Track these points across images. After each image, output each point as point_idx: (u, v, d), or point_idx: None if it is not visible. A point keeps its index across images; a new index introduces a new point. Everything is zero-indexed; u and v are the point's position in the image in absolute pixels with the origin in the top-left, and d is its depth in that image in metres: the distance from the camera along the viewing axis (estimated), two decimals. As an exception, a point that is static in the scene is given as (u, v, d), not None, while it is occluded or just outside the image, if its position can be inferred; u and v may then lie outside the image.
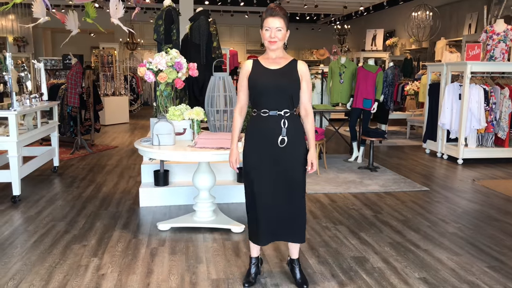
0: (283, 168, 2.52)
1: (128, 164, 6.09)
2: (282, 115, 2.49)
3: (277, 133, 2.49)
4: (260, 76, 2.50)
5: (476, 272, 2.93)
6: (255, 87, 2.51)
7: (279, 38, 2.45)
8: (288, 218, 2.58)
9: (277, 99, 2.49)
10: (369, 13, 14.54)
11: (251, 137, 2.56)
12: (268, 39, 2.46)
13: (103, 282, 2.75)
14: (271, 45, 2.47)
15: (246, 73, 2.55)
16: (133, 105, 12.99)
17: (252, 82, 2.52)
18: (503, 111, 6.20)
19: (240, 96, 2.60)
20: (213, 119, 3.97)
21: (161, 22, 5.16)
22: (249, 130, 2.58)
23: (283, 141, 2.49)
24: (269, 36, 2.45)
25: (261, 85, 2.49)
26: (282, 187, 2.54)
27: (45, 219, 3.88)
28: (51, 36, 17.21)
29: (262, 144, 2.52)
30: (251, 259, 2.78)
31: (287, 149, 2.51)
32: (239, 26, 17.17)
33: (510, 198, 4.64)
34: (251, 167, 2.55)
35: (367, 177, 5.44)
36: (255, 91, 2.52)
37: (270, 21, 2.44)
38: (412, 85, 9.33)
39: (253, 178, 2.55)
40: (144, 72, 3.78)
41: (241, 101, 2.61)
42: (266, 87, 2.48)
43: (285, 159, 2.51)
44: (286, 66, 2.52)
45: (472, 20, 10.17)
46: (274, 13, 2.43)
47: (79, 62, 6.85)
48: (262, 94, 2.50)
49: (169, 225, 3.64)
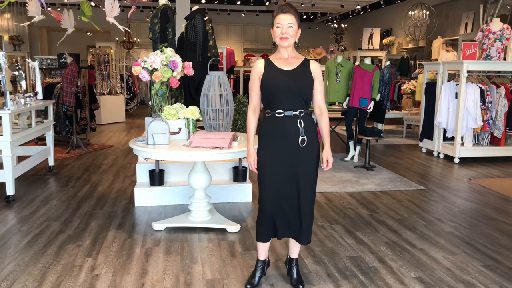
0: (298, 168, 2.50)
1: (124, 163, 6.06)
2: (297, 115, 2.47)
3: (294, 133, 2.48)
4: (274, 78, 2.46)
5: (472, 272, 2.93)
6: (268, 88, 2.47)
7: (291, 35, 2.42)
8: (297, 218, 2.56)
9: (292, 100, 2.46)
10: (366, 12, 14.54)
11: (266, 137, 2.52)
12: (279, 36, 2.43)
13: (97, 282, 2.73)
14: (283, 41, 2.44)
15: (258, 73, 2.51)
16: (129, 104, 12.96)
17: (266, 83, 2.48)
18: (499, 110, 6.21)
19: (253, 96, 2.56)
20: (209, 118, 3.95)
21: (156, 20, 5.14)
22: (264, 130, 2.54)
23: (304, 141, 2.47)
24: (280, 32, 2.42)
25: (276, 86, 2.45)
26: (295, 187, 2.52)
27: (39, 219, 3.85)
28: (47, 34, 17.13)
29: (278, 144, 2.49)
30: (258, 261, 2.72)
31: (304, 149, 2.49)
32: (236, 25, 17.14)
33: (506, 197, 4.64)
34: (265, 166, 2.52)
35: (363, 176, 5.43)
36: (268, 92, 2.48)
37: (281, 17, 2.41)
38: (408, 84, 9.33)
39: (266, 177, 2.52)
40: (139, 71, 3.76)
41: (254, 101, 2.57)
42: (281, 89, 2.45)
43: (300, 159, 2.50)
44: (300, 67, 2.49)
45: (468, 19, 10.18)
46: (285, 10, 2.41)
47: (74, 61, 6.81)
48: (276, 95, 2.46)
49: (164, 225, 3.62)
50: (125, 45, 15.13)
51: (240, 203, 4.34)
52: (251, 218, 3.93)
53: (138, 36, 16.16)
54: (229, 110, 3.95)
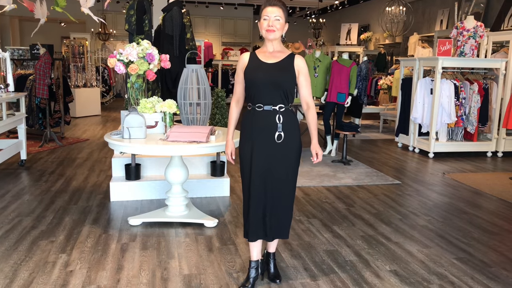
0: (277, 163, 2.49)
1: (99, 157, 5.96)
2: (277, 110, 2.45)
3: (272, 128, 2.46)
4: (256, 70, 2.45)
5: (445, 264, 2.99)
6: (249, 80, 2.46)
7: (277, 28, 2.39)
8: (277, 213, 2.55)
9: (272, 94, 2.44)
10: (344, 7, 14.63)
11: (246, 131, 2.52)
12: (266, 28, 2.40)
13: (71, 279, 2.68)
14: (269, 34, 2.40)
15: (243, 65, 2.51)
16: (105, 97, 12.73)
17: (247, 76, 2.47)
18: (472, 106, 6.34)
19: (237, 88, 2.58)
20: (186, 112, 3.91)
21: (133, 12, 5.04)
22: (244, 123, 2.55)
23: (280, 136, 2.45)
24: (267, 25, 2.39)
25: (256, 79, 2.43)
26: (275, 182, 2.51)
27: (11, 214, 3.75)
28: (19, 24, 16.63)
29: (257, 138, 2.47)
30: (250, 262, 2.64)
31: (282, 144, 2.48)
32: (214, 17, 17.00)
33: (478, 191, 4.76)
34: (245, 160, 2.52)
35: (341, 171, 5.48)
36: (249, 85, 2.47)
37: (268, 10, 2.39)
38: (385, 80, 9.44)
39: (247, 171, 2.51)
40: (115, 63, 3.68)
41: (238, 93, 2.59)
42: (261, 82, 2.43)
43: (279, 154, 2.49)
44: (283, 60, 2.46)
45: (443, 16, 10.35)
46: (273, 3, 2.39)
47: (47, 52, 6.63)
48: (257, 88, 2.44)
49: (141, 220, 3.58)
50: (101, 36, 14.84)
51: (218, 198, 4.32)
52: (228, 212, 3.92)
53: (114, 27, 15.86)
54: (207, 104, 3.91)
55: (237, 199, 4.29)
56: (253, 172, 2.48)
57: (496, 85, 6.50)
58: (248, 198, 2.52)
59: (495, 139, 6.55)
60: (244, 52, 17.22)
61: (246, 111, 2.55)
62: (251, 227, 2.52)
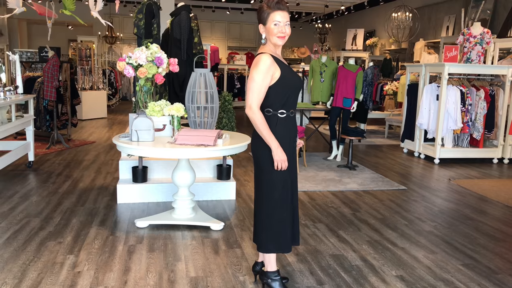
0: (293, 169, 2.52)
1: (106, 159, 5.99)
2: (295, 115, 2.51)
3: (295, 134, 2.51)
4: (290, 74, 2.39)
5: (451, 270, 2.99)
6: (288, 85, 2.37)
7: (288, 33, 2.36)
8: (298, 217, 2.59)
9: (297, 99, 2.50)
10: (350, 13, 14.66)
11: (284, 138, 2.41)
12: (278, 34, 2.33)
13: (79, 280, 2.70)
14: (281, 40, 2.35)
15: (272, 69, 2.33)
16: (111, 99, 12.80)
17: (285, 81, 2.35)
18: (478, 113, 6.34)
19: (261, 93, 2.33)
20: (194, 115, 3.93)
21: (141, 16, 5.08)
22: (281, 130, 2.40)
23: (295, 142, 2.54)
24: (279, 31, 2.32)
25: (294, 83, 2.40)
26: (295, 188, 2.55)
27: (19, 215, 3.78)
28: (27, 27, 16.78)
29: (289, 145, 2.44)
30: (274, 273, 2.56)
31: (295, 150, 2.54)
32: (221, 22, 17.09)
33: (484, 197, 4.75)
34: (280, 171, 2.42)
35: (346, 176, 5.49)
36: (285, 90, 2.37)
37: (280, 15, 2.31)
38: (391, 85, 9.45)
39: (286, 179, 2.44)
40: (124, 67, 3.72)
41: (262, 99, 2.35)
42: (297, 86, 2.43)
43: (294, 159, 2.54)
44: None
45: (450, 22, 10.36)
46: (282, 7, 2.32)
47: (56, 54, 6.69)
48: (293, 93, 2.41)
49: (147, 222, 3.60)
50: (108, 39, 14.94)
51: (224, 201, 4.34)
52: (234, 216, 3.93)
53: (121, 31, 15.97)
54: (214, 108, 3.94)
55: (243, 203, 4.30)
56: (290, 180, 2.47)
57: (502, 92, 6.49)
58: (283, 207, 2.45)
59: (501, 145, 6.53)
60: (249, 56, 17.20)
61: (275, 118, 2.40)
62: (288, 239, 2.50)
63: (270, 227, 2.46)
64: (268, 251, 2.51)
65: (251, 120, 2.34)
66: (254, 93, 2.32)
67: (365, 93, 7.96)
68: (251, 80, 2.33)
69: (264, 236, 2.48)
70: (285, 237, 2.48)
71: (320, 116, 9.99)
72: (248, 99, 2.33)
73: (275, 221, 2.45)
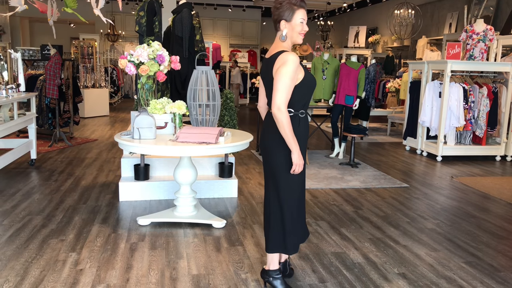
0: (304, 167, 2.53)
1: (108, 157, 6.00)
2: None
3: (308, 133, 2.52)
4: (309, 75, 2.38)
5: (453, 268, 2.98)
6: (309, 86, 2.36)
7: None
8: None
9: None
10: (352, 10, 14.63)
11: (302, 139, 2.41)
12: (301, 32, 2.33)
13: (81, 277, 2.70)
14: (301, 38, 2.37)
15: (299, 69, 2.31)
16: (113, 97, 12.82)
17: (308, 81, 2.35)
18: (481, 110, 6.31)
19: (290, 93, 2.29)
20: (195, 113, 3.93)
21: (143, 13, 5.08)
22: (300, 131, 2.39)
23: None
24: (302, 29, 2.33)
25: (313, 84, 2.40)
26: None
27: (21, 213, 3.79)
28: (29, 25, 16.80)
29: (305, 146, 2.45)
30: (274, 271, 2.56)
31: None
32: (222, 19, 17.06)
33: (486, 195, 4.73)
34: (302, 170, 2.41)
35: (348, 173, 5.48)
36: (308, 90, 2.36)
37: (304, 12, 2.31)
38: (393, 83, 9.43)
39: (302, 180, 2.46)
40: (126, 64, 3.71)
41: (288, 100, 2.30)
42: (314, 87, 2.42)
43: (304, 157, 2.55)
44: None
45: (452, 19, 10.31)
46: (305, 5, 2.33)
47: (58, 52, 6.69)
48: (312, 93, 2.41)
49: (149, 219, 3.60)
50: (110, 37, 14.95)
51: (226, 199, 4.34)
52: (236, 213, 3.93)
53: (123, 29, 15.97)
54: (216, 106, 3.93)
55: (245, 200, 4.30)
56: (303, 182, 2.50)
57: (505, 89, 6.46)
58: (300, 207, 2.48)
59: (504, 143, 6.51)
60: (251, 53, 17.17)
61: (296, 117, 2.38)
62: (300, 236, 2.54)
63: (292, 227, 2.45)
64: (288, 252, 2.50)
65: (278, 121, 2.24)
66: (284, 93, 2.24)
67: (367, 90, 7.93)
68: (281, 80, 2.23)
69: (283, 237, 2.47)
70: (300, 235, 2.54)
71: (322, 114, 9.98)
72: (277, 99, 2.23)
73: (295, 221, 2.46)
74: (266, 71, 2.37)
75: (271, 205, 2.47)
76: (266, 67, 2.38)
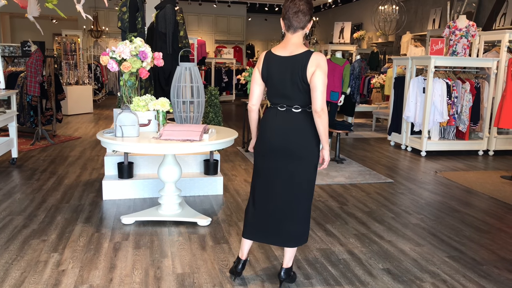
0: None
1: (92, 155, 5.92)
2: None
3: None
4: None
5: (437, 262, 3.01)
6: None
7: None
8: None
9: None
10: (337, 6, 14.65)
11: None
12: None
13: (63, 278, 2.66)
14: None
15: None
16: (97, 94, 12.65)
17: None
18: (464, 105, 6.39)
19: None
20: (179, 110, 3.89)
21: (125, 9, 5.00)
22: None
23: None
24: None
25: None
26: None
27: (2, 213, 3.71)
28: (10, 21, 16.46)
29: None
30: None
31: None
32: (208, 15, 16.95)
33: (469, 190, 4.79)
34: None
35: (333, 169, 5.50)
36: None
37: None
38: (378, 78, 9.47)
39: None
40: (107, 61, 3.65)
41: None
42: None
43: None
44: None
45: (436, 15, 10.40)
46: None
47: (39, 49, 6.57)
48: None
49: (133, 218, 3.56)
50: (93, 34, 14.74)
51: (211, 196, 4.31)
52: (222, 211, 3.91)
53: (107, 25, 15.76)
54: (200, 102, 3.90)
55: (230, 198, 4.28)
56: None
57: (487, 84, 6.55)
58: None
59: (486, 137, 6.60)
60: (237, 49, 17.09)
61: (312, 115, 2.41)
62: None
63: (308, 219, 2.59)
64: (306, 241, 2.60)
65: (323, 121, 2.33)
66: (324, 95, 2.33)
67: (352, 86, 7.96)
68: (323, 82, 2.31)
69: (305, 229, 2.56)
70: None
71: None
72: (321, 101, 2.31)
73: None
74: (285, 70, 2.37)
75: (300, 203, 2.50)
76: (285, 66, 2.38)
